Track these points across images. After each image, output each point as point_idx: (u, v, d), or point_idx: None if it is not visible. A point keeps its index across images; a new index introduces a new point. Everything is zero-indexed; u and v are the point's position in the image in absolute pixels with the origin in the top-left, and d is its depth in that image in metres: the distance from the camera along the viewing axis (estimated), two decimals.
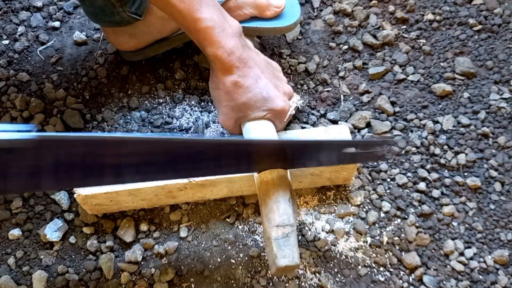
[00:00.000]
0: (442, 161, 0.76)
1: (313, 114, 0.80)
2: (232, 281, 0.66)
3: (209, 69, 0.83)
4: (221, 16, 0.61)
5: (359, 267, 0.68)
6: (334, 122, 0.79)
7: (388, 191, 0.73)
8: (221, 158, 0.57)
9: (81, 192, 0.64)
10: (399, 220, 0.71)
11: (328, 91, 0.83)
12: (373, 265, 0.68)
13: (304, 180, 0.70)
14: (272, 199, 0.58)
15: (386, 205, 0.72)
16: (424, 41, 0.88)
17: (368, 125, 0.79)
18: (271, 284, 0.66)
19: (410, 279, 0.67)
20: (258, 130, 0.63)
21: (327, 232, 0.70)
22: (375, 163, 0.76)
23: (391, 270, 0.68)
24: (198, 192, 0.69)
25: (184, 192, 0.67)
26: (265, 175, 0.59)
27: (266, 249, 0.58)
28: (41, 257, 0.68)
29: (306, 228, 0.70)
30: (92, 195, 0.64)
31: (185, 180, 0.65)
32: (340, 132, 0.70)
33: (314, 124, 0.78)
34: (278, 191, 0.58)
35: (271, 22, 0.78)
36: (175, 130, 0.78)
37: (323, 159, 0.63)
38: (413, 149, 0.77)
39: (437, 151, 0.76)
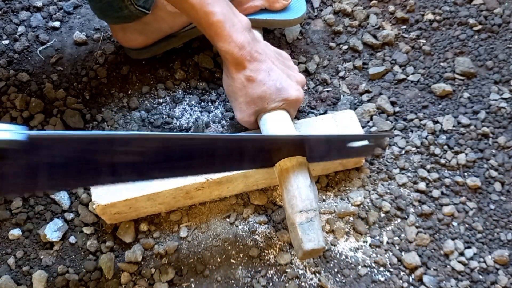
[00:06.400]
0: (442, 161, 0.76)
1: (313, 114, 0.80)
2: (232, 281, 0.66)
3: (209, 69, 0.84)
4: (231, 11, 0.63)
5: (359, 267, 0.68)
6: None
7: (388, 191, 0.73)
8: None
9: (100, 202, 0.63)
10: (399, 220, 0.71)
11: (328, 91, 0.83)
12: (373, 265, 0.68)
13: (317, 167, 0.71)
14: (293, 185, 0.59)
15: (386, 205, 0.72)
16: (424, 41, 0.88)
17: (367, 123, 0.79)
18: (271, 284, 0.66)
19: (410, 279, 0.67)
20: (275, 121, 0.65)
21: (327, 232, 0.70)
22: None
23: (391, 270, 0.68)
24: (215, 190, 0.69)
25: (201, 191, 0.68)
26: (285, 163, 0.61)
27: (291, 234, 0.60)
28: (41, 257, 0.68)
29: None
30: (111, 204, 0.63)
31: (202, 179, 0.65)
32: (352, 117, 0.72)
33: None
34: (299, 178, 0.60)
35: (280, 15, 0.81)
36: (175, 130, 0.78)
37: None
38: (413, 149, 0.77)
39: (437, 151, 0.76)
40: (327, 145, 0.64)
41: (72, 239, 0.69)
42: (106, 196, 0.63)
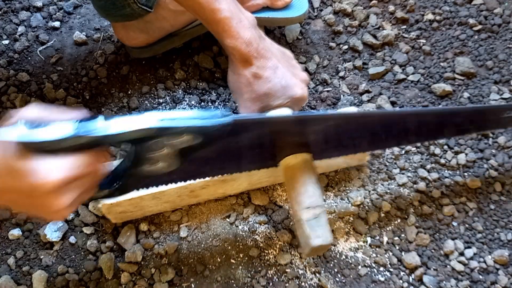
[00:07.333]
0: (442, 161, 0.76)
1: None
2: (232, 281, 0.66)
3: (209, 69, 0.84)
4: (237, 8, 0.64)
5: (359, 267, 0.68)
6: None
7: (388, 191, 0.73)
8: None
9: (105, 201, 0.63)
10: (399, 220, 0.71)
11: (328, 91, 0.83)
12: (373, 265, 0.68)
13: (321, 164, 0.71)
14: (299, 182, 0.59)
15: (386, 205, 0.72)
16: (424, 41, 0.88)
17: None
18: (271, 284, 0.66)
19: (410, 279, 0.67)
20: None
21: None
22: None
23: (391, 270, 0.68)
24: (220, 188, 0.69)
25: (206, 190, 0.68)
26: (290, 160, 0.61)
27: (297, 231, 0.59)
28: (41, 257, 0.68)
29: None
30: (117, 203, 0.63)
31: (207, 178, 0.65)
32: None
33: None
34: (305, 174, 0.60)
35: (282, 13, 0.81)
36: None
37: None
38: (413, 149, 0.77)
39: (437, 151, 0.76)
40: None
41: (72, 239, 0.69)
42: None
